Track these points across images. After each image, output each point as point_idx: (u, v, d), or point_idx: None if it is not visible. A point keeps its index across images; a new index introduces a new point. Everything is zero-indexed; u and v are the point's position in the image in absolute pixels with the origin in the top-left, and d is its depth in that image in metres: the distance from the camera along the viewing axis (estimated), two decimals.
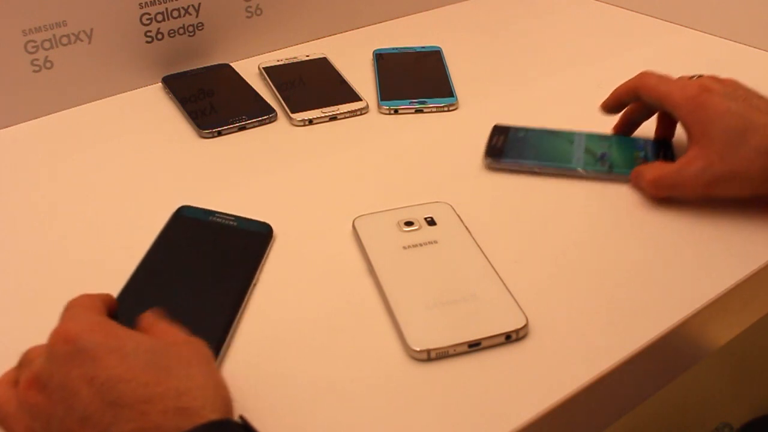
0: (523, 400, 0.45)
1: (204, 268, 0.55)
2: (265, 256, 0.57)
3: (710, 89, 0.59)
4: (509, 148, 0.67)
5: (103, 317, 0.42)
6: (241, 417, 0.38)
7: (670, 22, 0.95)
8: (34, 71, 0.77)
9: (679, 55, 0.71)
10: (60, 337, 0.37)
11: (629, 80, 0.66)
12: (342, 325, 0.51)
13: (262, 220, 0.60)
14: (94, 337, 0.37)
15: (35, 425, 0.36)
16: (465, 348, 0.48)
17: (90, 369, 0.35)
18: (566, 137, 0.68)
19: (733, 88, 0.60)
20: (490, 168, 0.66)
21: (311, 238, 0.60)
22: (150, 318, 0.43)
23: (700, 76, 0.64)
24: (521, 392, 0.46)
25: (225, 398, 0.39)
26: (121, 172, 0.69)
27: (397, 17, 1.00)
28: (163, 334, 0.42)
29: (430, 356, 0.47)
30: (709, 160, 0.57)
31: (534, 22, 0.99)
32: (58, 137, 0.74)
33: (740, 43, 0.89)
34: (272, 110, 0.77)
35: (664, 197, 0.61)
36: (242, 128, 0.75)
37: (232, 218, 0.60)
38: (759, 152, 0.56)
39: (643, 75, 0.64)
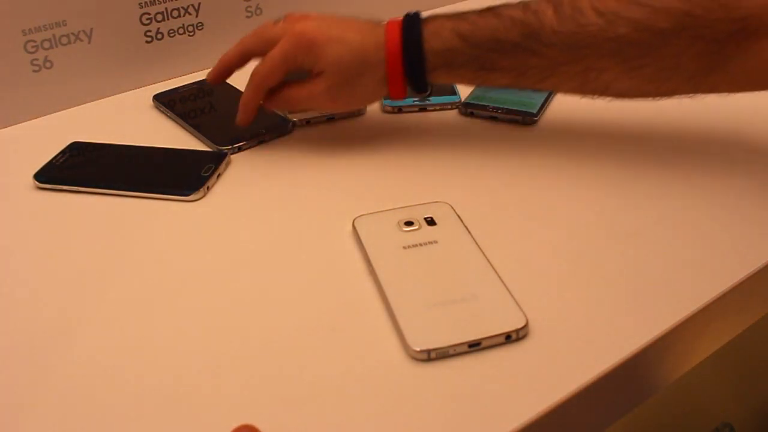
0: (523, 400, 0.45)
1: None
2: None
3: (305, 28, 0.65)
4: None
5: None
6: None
7: None
8: (34, 71, 0.77)
9: None
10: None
11: (233, 50, 0.71)
12: (342, 325, 0.51)
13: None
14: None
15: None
16: (465, 348, 0.48)
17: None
18: None
19: (319, 17, 0.67)
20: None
21: (311, 238, 0.60)
22: None
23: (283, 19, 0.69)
24: (521, 392, 0.46)
25: None
26: None
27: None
28: None
29: (430, 356, 0.47)
30: (331, 81, 0.65)
31: None
32: (58, 137, 0.74)
33: None
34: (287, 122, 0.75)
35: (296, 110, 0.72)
36: None
37: None
38: (365, 64, 0.65)
39: (243, 42, 0.70)
